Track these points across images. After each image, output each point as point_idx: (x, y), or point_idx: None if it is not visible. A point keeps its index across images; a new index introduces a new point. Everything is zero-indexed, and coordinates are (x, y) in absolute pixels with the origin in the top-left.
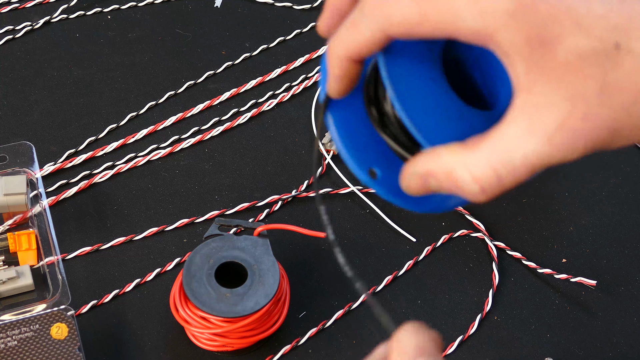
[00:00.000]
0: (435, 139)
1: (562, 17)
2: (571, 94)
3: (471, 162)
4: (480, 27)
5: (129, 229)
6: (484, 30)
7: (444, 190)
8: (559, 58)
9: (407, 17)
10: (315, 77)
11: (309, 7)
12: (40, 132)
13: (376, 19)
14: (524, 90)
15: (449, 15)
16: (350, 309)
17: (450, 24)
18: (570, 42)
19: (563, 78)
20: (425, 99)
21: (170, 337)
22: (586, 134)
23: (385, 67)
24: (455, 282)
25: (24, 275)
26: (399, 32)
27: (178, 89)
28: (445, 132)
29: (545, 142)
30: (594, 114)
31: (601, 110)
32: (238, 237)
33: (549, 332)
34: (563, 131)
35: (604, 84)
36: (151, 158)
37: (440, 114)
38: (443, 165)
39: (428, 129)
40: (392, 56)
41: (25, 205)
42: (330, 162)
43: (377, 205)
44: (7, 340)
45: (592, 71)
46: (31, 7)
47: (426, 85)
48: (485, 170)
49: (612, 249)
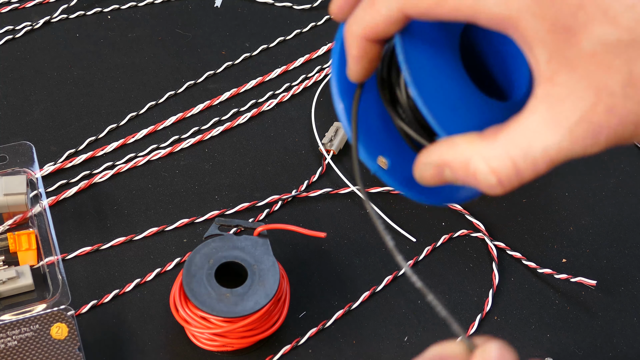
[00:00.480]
0: (452, 127)
1: (589, 5)
2: (595, 85)
3: (489, 153)
4: (503, 12)
5: (129, 229)
6: (506, 15)
7: (459, 182)
8: (584, 48)
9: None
10: (315, 77)
11: (309, 7)
12: (40, 132)
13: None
14: (546, 80)
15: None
16: (350, 309)
17: (471, 7)
18: (597, 31)
19: (587, 68)
20: (442, 85)
21: (170, 337)
22: (609, 128)
23: (403, 50)
24: (455, 282)
25: (24, 275)
26: (418, 12)
27: (178, 89)
28: (462, 121)
29: (567, 134)
30: (618, 107)
31: (626, 103)
32: (238, 237)
33: (549, 332)
34: (586, 124)
35: (630, 76)
36: (151, 158)
37: (458, 102)
38: (460, 155)
39: (444, 116)
40: (410, 39)
41: (25, 205)
42: (330, 162)
43: (377, 205)
44: (7, 340)
45: (619, 63)
46: (31, 7)
47: (443, 71)
48: (503, 162)
49: (612, 249)
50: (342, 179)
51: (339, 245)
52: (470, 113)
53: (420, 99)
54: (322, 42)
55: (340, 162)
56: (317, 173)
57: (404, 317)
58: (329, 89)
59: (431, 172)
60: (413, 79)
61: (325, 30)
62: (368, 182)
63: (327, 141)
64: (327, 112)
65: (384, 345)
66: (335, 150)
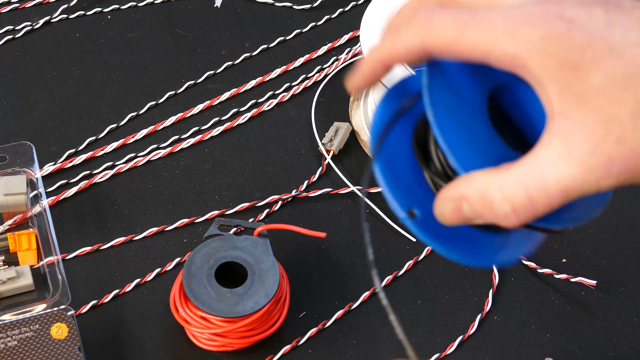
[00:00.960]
0: (471, 166)
1: (596, 44)
2: (605, 117)
3: (504, 183)
4: (514, 52)
5: (129, 229)
6: (517, 55)
7: (478, 217)
8: (593, 82)
9: (446, 33)
10: (315, 77)
11: (309, 7)
12: (40, 132)
13: (418, 29)
14: (557, 115)
15: (485, 37)
16: (350, 309)
17: (485, 45)
18: (604, 66)
19: (597, 102)
20: (467, 130)
21: (170, 337)
22: (620, 158)
23: (429, 93)
24: (455, 282)
25: (24, 275)
26: (437, 47)
27: (178, 89)
28: (482, 162)
29: (579, 165)
30: (628, 138)
31: (635, 134)
32: (238, 237)
33: (549, 332)
34: (597, 155)
35: (639, 107)
36: (151, 158)
37: (480, 147)
38: (476, 187)
39: (465, 156)
40: (439, 86)
41: (25, 205)
42: (330, 162)
43: (377, 205)
44: (7, 340)
45: (626, 95)
46: (31, 7)
47: (469, 118)
48: (517, 190)
49: (612, 249)
50: (342, 179)
51: (339, 245)
52: (491, 158)
53: (442, 138)
54: (322, 42)
55: (340, 162)
56: (317, 173)
57: (404, 317)
58: (329, 89)
59: (450, 208)
60: (436, 120)
61: (325, 30)
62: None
63: (327, 141)
64: (327, 112)
65: (384, 345)
66: (335, 150)
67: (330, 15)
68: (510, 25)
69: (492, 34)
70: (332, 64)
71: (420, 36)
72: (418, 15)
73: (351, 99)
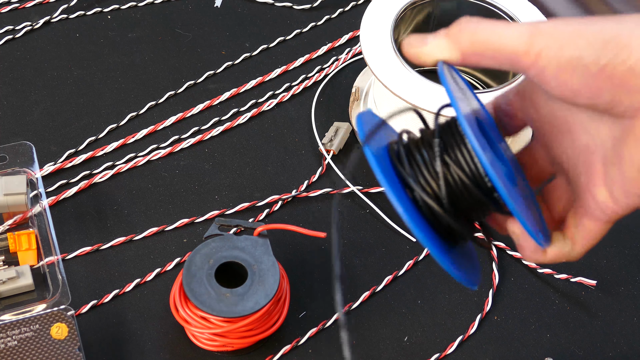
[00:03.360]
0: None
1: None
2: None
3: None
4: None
5: (129, 229)
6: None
7: None
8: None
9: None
10: (315, 77)
11: (309, 7)
12: (40, 132)
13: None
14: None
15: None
16: (350, 309)
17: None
18: None
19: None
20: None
21: (170, 337)
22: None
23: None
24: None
25: (24, 275)
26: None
27: (178, 89)
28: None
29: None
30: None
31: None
32: (238, 237)
33: (549, 332)
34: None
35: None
36: (151, 158)
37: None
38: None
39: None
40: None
41: (25, 205)
42: (330, 162)
43: (377, 205)
44: (7, 340)
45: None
46: (31, 7)
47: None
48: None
49: (612, 249)
50: (342, 179)
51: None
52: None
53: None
54: (322, 42)
55: (340, 162)
56: (317, 173)
57: (404, 317)
58: (329, 89)
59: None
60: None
61: (325, 30)
62: (368, 182)
63: (327, 141)
64: (327, 112)
65: (384, 345)
66: (335, 150)
67: (330, 15)
68: None
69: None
70: (332, 64)
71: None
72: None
73: (351, 99)
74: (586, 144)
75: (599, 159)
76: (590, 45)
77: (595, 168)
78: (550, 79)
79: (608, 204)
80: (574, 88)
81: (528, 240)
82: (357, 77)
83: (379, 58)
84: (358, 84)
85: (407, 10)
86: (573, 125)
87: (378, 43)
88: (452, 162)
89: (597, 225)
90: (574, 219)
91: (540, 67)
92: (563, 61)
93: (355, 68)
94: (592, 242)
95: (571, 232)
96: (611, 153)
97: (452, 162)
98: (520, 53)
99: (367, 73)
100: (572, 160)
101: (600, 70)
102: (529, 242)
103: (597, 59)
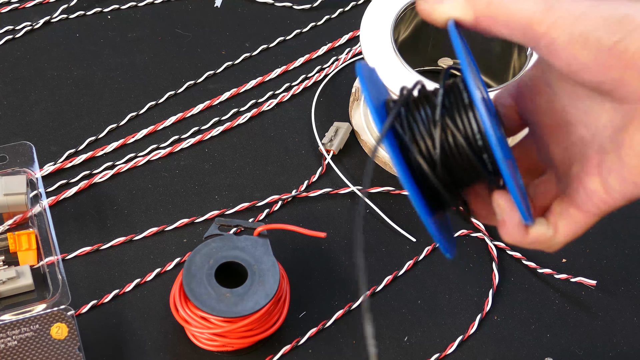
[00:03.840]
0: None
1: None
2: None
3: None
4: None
5: (129, 229)
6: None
7: None
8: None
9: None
10: (315, 77)
11: (309, 7)
12: (40, 132)
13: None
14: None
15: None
16: (350, 309)
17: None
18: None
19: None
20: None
21: (170, 337)
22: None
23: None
24: (455, 282)
25: (24, 275)
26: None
27: (178, 89)
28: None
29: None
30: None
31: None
32: (238, 237)
33: (549, 332)
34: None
35: None
36: (151, 158)
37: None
38: None
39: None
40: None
41: (25, 205)
42: (330, 162)
43: (377, 205)
44: (7, 340)
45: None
46: (31, 7)
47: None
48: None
49: (612, 249)
50: (342, 179)
51: (339, 245)
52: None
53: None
54: (322, 42)
55: (340, 162)
56: (317, 173)
57: (404, 317)
58: (329, 89)
59: None
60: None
61: (325, 30)
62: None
63: (327, 141)
64: (327, 112)
65: (384, 345)
66: (335, 150)
67: (330, 15)
68: None
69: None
70: (332, 64)
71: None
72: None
73: (351, 99)
74: (582, 136)
75: (595, 149)
76: (604, 21)
77: (590, 158)
78: (560, 50)
79: (599, 193)
80: (583, 62)
81: (512, 216)
82: (357, 77)
83: (379, 58)
84: (358, 84)
85: (407, 10)
86: (570, 117)
87: (378, 43)
88: (450, 122)
89: (582, 216)
90: (559, 207)
91: (552, 38)
92: (576, 34)
93: (355, 68)
94: (575, 233)
95: (555, 218)
96: (609, 141)
97: (450, 122)
98: (535, 21)
99: None
100: (566, 153)
101: (611, 47)
102: (513, 217)
103: (610, 36)
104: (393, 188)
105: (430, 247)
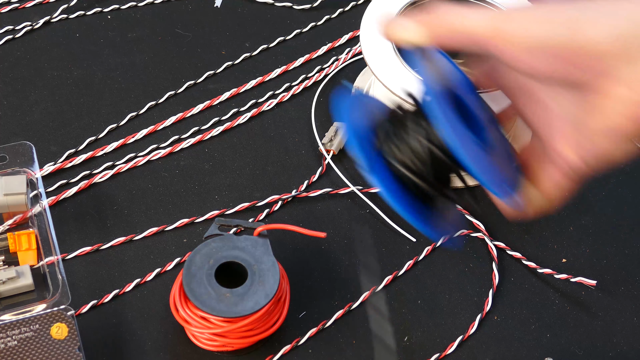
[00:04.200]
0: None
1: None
2: None
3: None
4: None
5: (129, 229)
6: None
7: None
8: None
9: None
10: (315, 77)
11: (309, 7)
12: (40, 132)
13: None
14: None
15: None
16: (350, 309)
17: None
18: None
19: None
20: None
21: (170, 337)
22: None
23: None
24: (455, 282)
25: (24, 275)
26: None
27: (178, 89)
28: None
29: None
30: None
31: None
32: (238, 237)
33: (549, 332)
34: None
35: None
36: (151, 158)
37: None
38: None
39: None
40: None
41: (25, 205)
42: (330, 162)
43: (377, 205)
44: (7, 340)
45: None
46: (31, 7)
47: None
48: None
49: (612, 249)
50: (342, 179)
51: (339, 245)
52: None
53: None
54: (322, 42)
55: (340, 162)
56: (317, 173)
57: (404, 317)
58: (329, 89)
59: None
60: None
61: (325, 30)
62: (368, 182)
63: (327, 141)
64: (327, 112)
65: (384, 345)
66: (335, 150)
67: (330, 15)
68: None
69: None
70: (332, 64)
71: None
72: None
73: None
74: (555, 110)
75: (568, 122)
76: (550, 28)
77: (563, 129)
78: (511, 59)
79: (574, 161)
80: (534, 67)
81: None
82: (357, 77)
83: (379, 58)
84: (358, 84)
85: (407, 10)
86: (541, 95)
87: (378, 43)
88: (419, 133)
89: (558, 173)
90: (537, 164)
91: (502, 49)
92: (523, 43)
93: (355, 68)
94: (556, 188)
95: (535, 175)
96: (578, 121)
97: (420, 133)
98: (486, 36)
99: (367, 73)
100: (541, 122)
101: (556, 50)
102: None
103: (555, 40)
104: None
105: (430, 247)
